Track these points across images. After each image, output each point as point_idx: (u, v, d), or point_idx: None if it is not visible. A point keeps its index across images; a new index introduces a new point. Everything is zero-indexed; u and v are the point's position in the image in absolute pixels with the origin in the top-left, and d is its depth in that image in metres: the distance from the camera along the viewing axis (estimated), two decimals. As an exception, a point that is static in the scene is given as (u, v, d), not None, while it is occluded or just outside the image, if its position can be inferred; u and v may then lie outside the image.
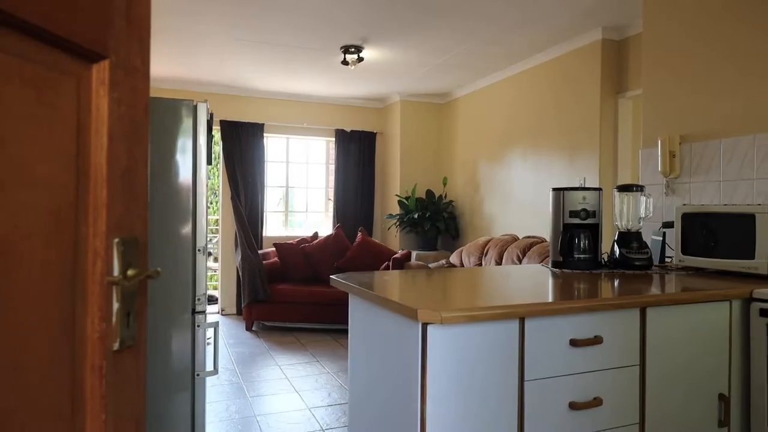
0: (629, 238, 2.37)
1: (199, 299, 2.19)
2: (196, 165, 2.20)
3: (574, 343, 1.54)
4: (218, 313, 6.11)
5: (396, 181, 6.30)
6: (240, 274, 5.34)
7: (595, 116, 4.12)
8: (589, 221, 2.32)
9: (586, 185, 4.28)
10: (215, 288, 6.75)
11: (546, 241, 4.43)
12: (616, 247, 2.38)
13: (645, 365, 1.65)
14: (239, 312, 5.87)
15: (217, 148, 6.00)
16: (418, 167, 6.30)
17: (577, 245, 2.31)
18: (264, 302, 5.17)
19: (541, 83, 4.72)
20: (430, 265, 5.22)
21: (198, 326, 2.18)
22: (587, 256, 2.31)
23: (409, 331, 1.43)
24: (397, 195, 6.18)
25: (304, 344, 4.72)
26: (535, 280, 2.04)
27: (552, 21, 3.90)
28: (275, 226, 6.49)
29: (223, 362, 4.13)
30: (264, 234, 6.14)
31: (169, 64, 5.08)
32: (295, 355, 4.34)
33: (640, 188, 2.41)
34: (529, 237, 4.63)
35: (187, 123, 2.16)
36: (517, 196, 5.03)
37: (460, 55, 4.69)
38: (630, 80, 4.04)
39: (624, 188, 2.44)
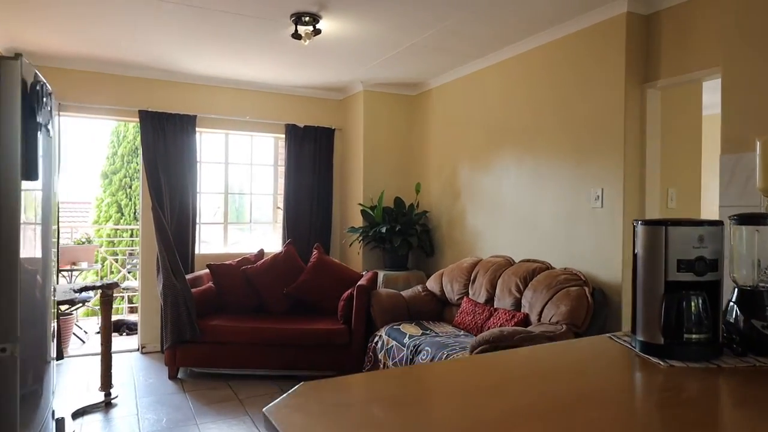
0: (758, 301, 1.46)
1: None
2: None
3: None
4: (137, 350, 4.91)
5: (359, 187, 5.28)
6: (162, 306, 4.19)
7: (616, 111, 3.24)
8: (707, 278, 1.39)
9: (604, 198, 3.43)
10: (134, 312, 5.46)
11: (552, 267, 3.53)
12: (736, 314, 1.47)
13: None
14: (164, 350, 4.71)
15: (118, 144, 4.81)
16: (385, 171, 5.30)
17: (687, 316, 1.38)
18: (192, 343, 4.05)
19: (543, 70, 3.81)
20: (403, 293, 4.24)
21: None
22: (704, 335, 1.38)
23: None
24: (360, 204, 5.16)
25: (244, 400, 3.65)
26: (646, 403, 1.08)
27: (569, -15, 2.99)
28: (211, 243, 5.35)
29: (126, 442, 3.01)
30: (196, 252, 4.99)
31: (69, 38, 3.87)
32: (230, 424, 3.26)
33: (773, 220, 1.50)
34: (527, 261, 3.72)
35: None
36: (509, 208, 4.11)
37: (441, 34, 3.73)
38: (663, 65, 3.18)
39: (748, 220, 1.52)
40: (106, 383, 3.56)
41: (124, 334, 5.69)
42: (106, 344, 3.56)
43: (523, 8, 3.29)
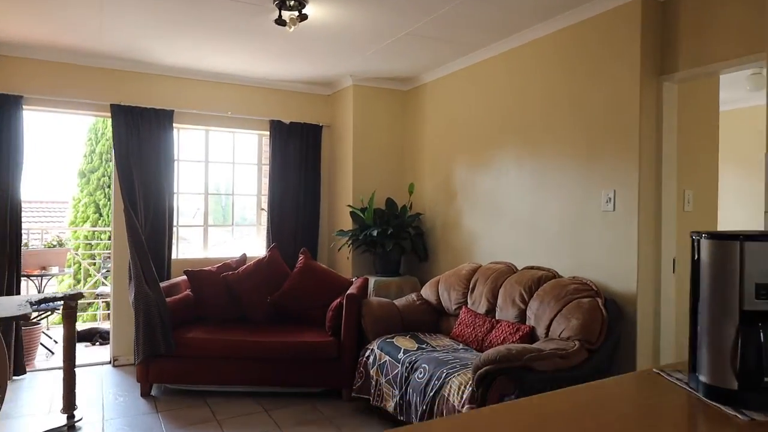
0: None
1: None
2: None
3: None
4: (109, 363, 4.56)
5: (348, 187, 4.97)
6: (135, 316, 3.84)
7: (630, 106, 2.97)
8: (792, 306, 1.11)
9: (616, 201, 3.15)
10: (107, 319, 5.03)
11: (559, 275, 3.25)
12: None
13: None
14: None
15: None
16: (376, 170, 5.00)
17: (767, 355, 1.10)
18: (167, 357, 3.72)
19: (548, 61, 3.53)
20: (396, 302, 3.94)
21: None
22: (788, 378, 1.10)
23: None
24: (349, 206, 4.85)
25: (223, 422, 3.33)
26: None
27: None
28: (189, 247, 5.01)
29: (86, 476, 2.67)
30: (173, 256, 4.64)
31: (29, 23, 3.52)
32: (205, 450, 2.94)
33: None
34: (532, 268, 3.45)
35: None
36: (510, 211, 3.83)
37: (440, 21, 3.43)
38: (681, 56, 2.92)
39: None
40: (69, 405, 3.22)
41: (98, 343, 5.32)
42: (69, 361, 3.23)
43: (529, -7, 3.01)
